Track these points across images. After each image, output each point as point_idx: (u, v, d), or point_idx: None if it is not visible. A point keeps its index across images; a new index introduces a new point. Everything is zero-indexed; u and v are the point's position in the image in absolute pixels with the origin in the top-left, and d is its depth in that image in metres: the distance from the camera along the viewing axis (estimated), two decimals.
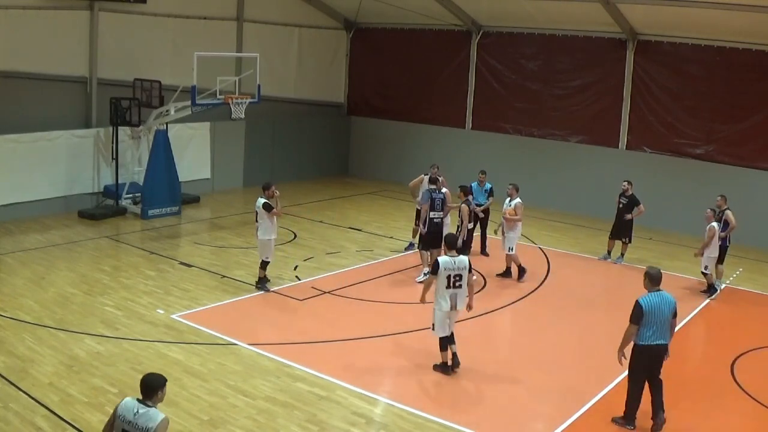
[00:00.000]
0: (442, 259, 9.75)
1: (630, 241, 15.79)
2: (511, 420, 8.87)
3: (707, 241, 13.70)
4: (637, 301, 8.24)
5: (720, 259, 14.00)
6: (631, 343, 8.41)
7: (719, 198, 14.22)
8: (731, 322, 12.76)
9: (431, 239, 13.73)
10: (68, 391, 8.77)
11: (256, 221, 12.68)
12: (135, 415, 5.50)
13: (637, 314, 8.16)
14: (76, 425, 7.96)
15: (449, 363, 9.91)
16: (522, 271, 14.36)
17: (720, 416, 9.13)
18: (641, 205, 15.49)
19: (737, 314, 13.24)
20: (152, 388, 5.66)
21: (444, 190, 14.10)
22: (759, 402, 9.45)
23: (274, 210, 12.53)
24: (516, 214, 14.16)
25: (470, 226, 14.46)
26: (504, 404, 9.22)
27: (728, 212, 14.00)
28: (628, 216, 15.54)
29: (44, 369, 9.33)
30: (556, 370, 10.22)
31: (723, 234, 13.83)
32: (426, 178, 15.23)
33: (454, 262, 9.68)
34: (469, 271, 9.78)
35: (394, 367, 10.39)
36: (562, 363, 10.53)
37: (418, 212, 14.93)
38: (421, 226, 13.94)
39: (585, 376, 10.03)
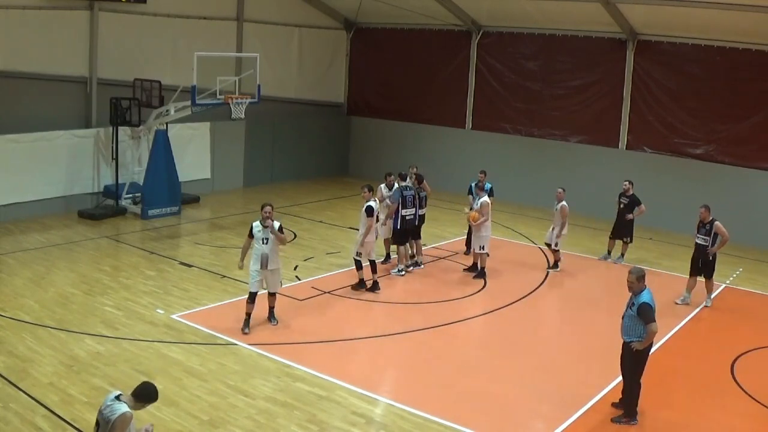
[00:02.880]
0: (374, 204, 12.95)
1: (631, 241, 15.79)
2: (511, 420, 8.87)
3: (562, 220, 14.64)
4: (645, 303, 8.39)
5: (709, 274, 13.17)
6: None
7: (702, 209, 13.10)
8: (731, 322, 12.75)
9: (404, 234, 14.32)
10: (68, 391, 8.77)
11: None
12: (106, 406, 5.71)
13: (652, 313, 8.38)
14: (76, 425, 7.97)
15: (367, 285, 13.05)
16: (482, 272, 14.32)
17: (720, 416, 9.13)
18: (642, 205, 15.50)
19: (737, 314, 13.23)
20: (142, 395, 5.78)
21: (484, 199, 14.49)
22: (759, 402, 9.45)
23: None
24: (482, 216, 14.14)
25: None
26: (504, 404, 9.21)
27: (717, 223, 12.93)
28: (629, 216, 15.54)
29: (44, 369, 9.34)
30: (556, 370, 10.22)
31: (715, 249, 12.92)
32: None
33: (377, 205, 13.07)
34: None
35: (394, 367, 10.41)
36: (562, 363, 10.53)
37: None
38: (388, 221, 14.22)
39: (585, 376, 10.03)
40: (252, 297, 10.92)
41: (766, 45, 17.55)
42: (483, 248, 14.31)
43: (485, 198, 14.32)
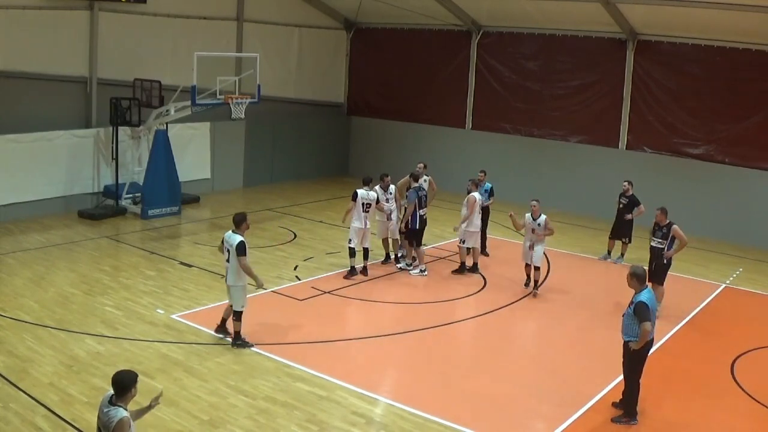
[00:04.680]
0: (360, 192, 13.71)
1: (630, 241, 15.79)
2: (511, 420, 8.87)
3: (549, 234, 13.28)
4: (641, 301, 8.41)
5: (660, 279, 12.36)
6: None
7: (658, 212, 12.57)
8: (731, 322, 12.75)
9: (421, 234, 14.36)
10: (68, 391, 8.77)
11: (227, 261, 10.28)
12: (104, 413, 5.71)
13: (647, 312, 8.36)
14: (76, 425, 7.97)
15: (359, 270, 13.77)
16: (462, 268, 14.44)
17: (720, 416, 9.13)
18: (641, 206, 15.48)
19: (737, 314, 13.24)
20: (122, 386, 5.75)
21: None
22: (759, 402, 9.45)
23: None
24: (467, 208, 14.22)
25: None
26: (504, 404, 9.22)
27: (676, 227, 12.32)
28: (628, 216, 15.54)
29: (44, 369, 9.34)
30: (556, 370, 10.22)
31: (671, 253, 12.31)
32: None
33: (368, 194, 13.73)
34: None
35: (394, 367, 10.41)
36: (562, 363, 10.53)
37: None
38: (402, 225, 14.22)
39: (585, 376, 10.03)
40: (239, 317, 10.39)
41: (766, 45, 17.55)
42: (463, 242, 14.40)
43: (471, 194, 14.29)
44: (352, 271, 13.74)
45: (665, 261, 12.38)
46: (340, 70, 25.34)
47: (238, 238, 10.09)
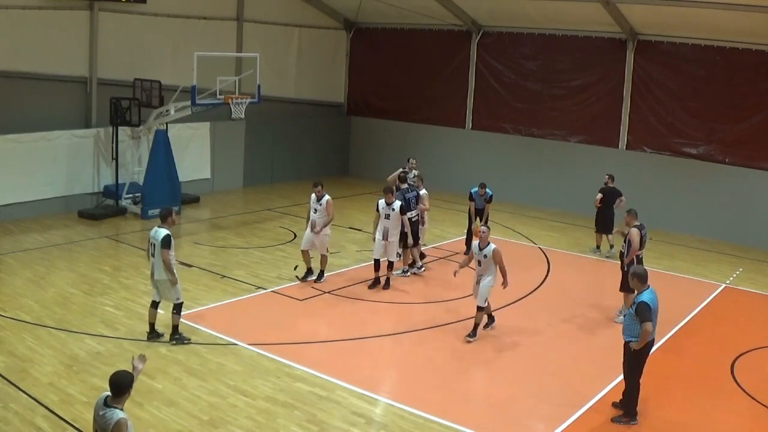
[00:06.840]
0: (381, 202, 13.27)
1: (607, 233, 15.98)
2: (511, 420, 8.87)
3: (501, 266, 11.11)
4: (642, 301, 8.41)
5: (625, 287, 11.51)
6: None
7: (627, 214, 11.89)
8: (731, 322, 12.75)
9: (408, 235, 14.11)
10: (68, 391, 8.77)
11: (152, 256, 10.33)
12: (100, 416, 5.70)
13: (648, 313, 8.35)
14: (76, 425, 7.97)
15: (382, 282, 13.35)
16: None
17: (720, 416, 9.13)
18: (598, 196, 15.89)
19: (737, 314, 13.24)
20: (119, 388, 5.74)
21: (422, 191, 14.65)
22: (759, 402, 9.45)
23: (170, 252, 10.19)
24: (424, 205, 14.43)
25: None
26: (504, 404, 9.22)
27: (632, 231, 11.55)
28: (598, 206, 15.91)
29: (44, 369, 9.34)
30: (556, 370, 10.22)
31: (627, 259, 11.52)
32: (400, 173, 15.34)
33: (390, 207, 13.22)
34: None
35: (394, 367, 10.42)
36: (561, 363, 10.53)
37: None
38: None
39: (585, 376, 10.03)
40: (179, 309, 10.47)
41: (766, 45, 17.55)
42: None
43: (422, 191, 14.53)
44: (376, 282, 13.45)
45: (625, 267, 11.46)
46: (340, 70, 25.34)
47: (164, 231, 10.18)
